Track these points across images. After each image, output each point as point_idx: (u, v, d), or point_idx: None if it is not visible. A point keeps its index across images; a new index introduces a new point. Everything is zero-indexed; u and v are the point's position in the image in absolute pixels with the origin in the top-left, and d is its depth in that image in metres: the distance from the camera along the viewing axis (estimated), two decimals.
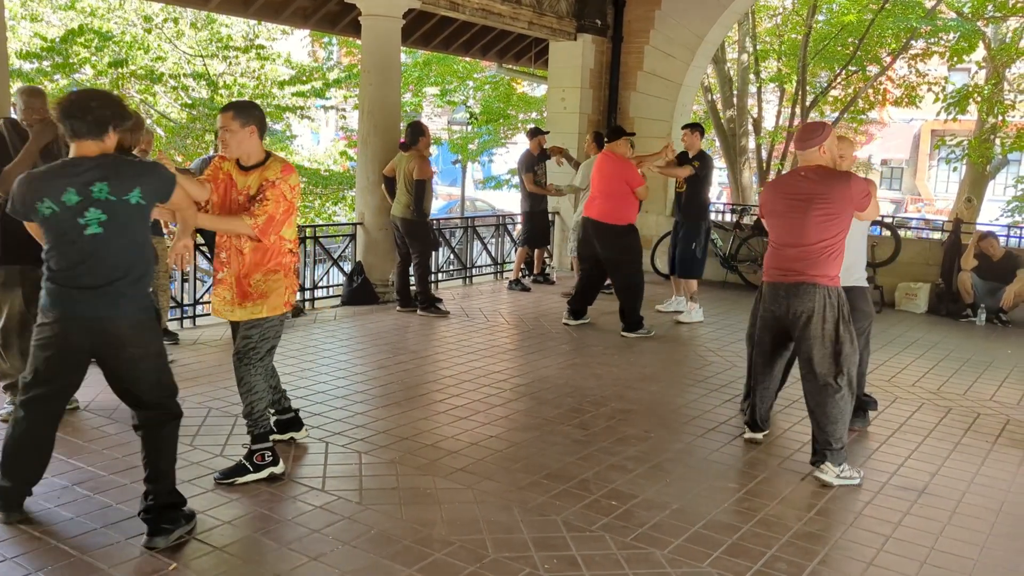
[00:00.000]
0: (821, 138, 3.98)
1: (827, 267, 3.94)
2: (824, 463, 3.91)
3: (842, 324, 3.94)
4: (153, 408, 3.11)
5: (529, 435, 4.38)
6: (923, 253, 8.98)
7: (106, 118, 2.97)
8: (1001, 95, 15.90)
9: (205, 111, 12.76)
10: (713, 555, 3.15)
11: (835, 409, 3.91)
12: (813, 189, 3.94)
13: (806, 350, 3.97)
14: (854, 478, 3.93)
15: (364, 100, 7.84)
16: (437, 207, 21.48)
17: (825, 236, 3.92)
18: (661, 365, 5.99)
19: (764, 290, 4.19)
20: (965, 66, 17.96)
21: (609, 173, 6.82)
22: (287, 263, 3.66)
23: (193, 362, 5.50)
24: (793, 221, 3.98)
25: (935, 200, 29.76)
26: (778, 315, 4.07)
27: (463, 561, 3.01)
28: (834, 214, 3.91)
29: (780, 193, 4.12)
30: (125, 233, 2.96)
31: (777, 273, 4.06)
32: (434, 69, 17.14)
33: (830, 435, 3.92)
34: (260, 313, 3.62)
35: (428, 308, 7.33)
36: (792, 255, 3.99)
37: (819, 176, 3.97)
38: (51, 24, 12.96)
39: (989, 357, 6.69)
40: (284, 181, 3.54)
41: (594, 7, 9.97)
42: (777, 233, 4.11)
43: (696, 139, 7.46)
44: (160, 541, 3.01)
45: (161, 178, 3.07)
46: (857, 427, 4.70)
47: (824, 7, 15.83)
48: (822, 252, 3.92)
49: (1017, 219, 16.18)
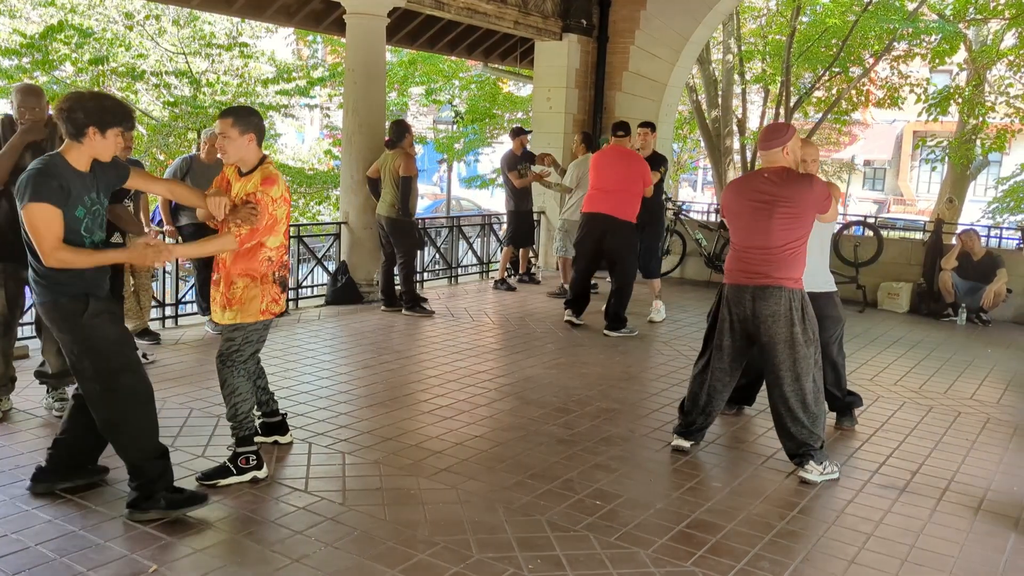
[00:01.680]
0: (784, 139, 3.95)
1: (792, 269, 3.93)
2: (808, 463, 3.93)
3: (806, 325, 3.94)
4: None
5: (514, 435, 4.38)
6: (905, 253, 9.06)
7: (78, 121, 3.04)
8: (982, 97, 16.07)
9: (187, 109, 12.65)
10: (697, 554, 3.16)
11: (811, 410, 3.93)
12: (776, 191, 3.91)
13: (774, 354, 3.93)
14: (835, 472, 3.97)
15: (349, 99, 7.81)
16: (422, 206, 21.42)
17: (789, 239, 3.90)
18: (646, 365, 6.01)
19: (726, 292, 4.09)
20: (947, 68, 18.16)
21: (625, 168, 6.70)
22: (264, 271, 3.59)
23: (175, 362, 5.45)
24: (757, 223, 3.94)
25: (917, 200, 30.04)
26: (742, 317, 4.01)
27: (447, 562, 3.00)
28: (797, 216, 3.90)
29: (742, 194, 4.06)
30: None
31: (742, 276, 4.00)
32: (419, 68, 17.09)
33: (808, 437, 3.93)
34: (236, 319, 3.60)
35: (413, 308, 7.31)
36: (757, 257, 3.95)
37: (782, 178, 3.93)
38: (30, 20, 12.82)
39: (970, 356, 6.75)
40: (265, 194, 3.48)
41: (580, 7, 9.98)
42: (740, 235, 4.04)
43: (652, 138, 7.50)
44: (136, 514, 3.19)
45: (25, 187, 3.05)
46: (846, 426, 4.75)
47: (808, 8, 15.93)
48: (786, 254, 3.91)
49: (998, 220, 16.36)
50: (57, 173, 3.04)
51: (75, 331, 3.16)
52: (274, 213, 3.53)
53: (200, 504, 3.27)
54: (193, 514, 3.27)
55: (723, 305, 4.11)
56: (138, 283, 5.98)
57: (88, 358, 3.16)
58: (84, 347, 3.16)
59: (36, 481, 3.40)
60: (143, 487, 3.20)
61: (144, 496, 3.20)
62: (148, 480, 3.20)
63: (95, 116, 3.07)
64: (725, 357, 4.12)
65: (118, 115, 3.15)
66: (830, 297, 4.59)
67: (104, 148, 3.15)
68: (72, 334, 3.16)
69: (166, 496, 3.21)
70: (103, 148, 3.14)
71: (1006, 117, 16.28)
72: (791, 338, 3.90)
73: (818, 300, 4.36)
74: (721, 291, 4.15)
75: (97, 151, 3.14)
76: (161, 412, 4.42)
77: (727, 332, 4.09)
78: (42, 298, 3.17)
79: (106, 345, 3.18)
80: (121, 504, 3.28)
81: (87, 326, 3.15)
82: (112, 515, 3.22)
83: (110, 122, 3.10)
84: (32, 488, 3.39)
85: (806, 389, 3.92)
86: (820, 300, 4.41)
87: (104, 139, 3.11)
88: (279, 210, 3.56)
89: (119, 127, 3.14)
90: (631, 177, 6.70)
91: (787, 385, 3.92)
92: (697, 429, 4.26)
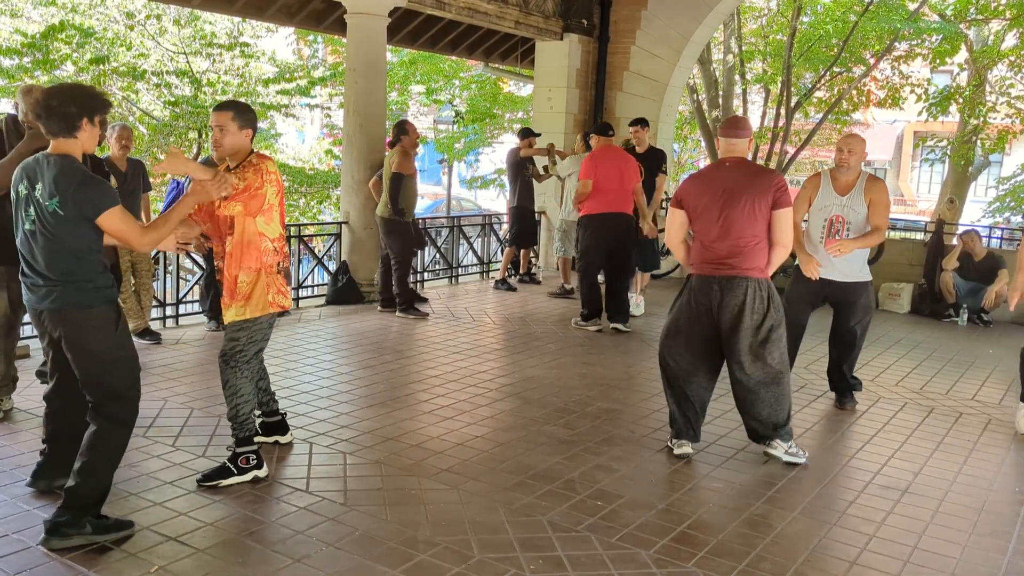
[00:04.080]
0: (749, 132, 4.09)
1: (758, 259, 3.98)
2: (774, 440, 4.08)
3: (772, 311, 3.99)
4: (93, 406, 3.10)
5: (515, 435, 4.37)
6: (906, 253, 9.05)
7: (71, 115, 2.93)
8: (983, 97, 16.07)
9: (188, 109, 12.64)
10: (698, 555, 3.15)
11: (781, 392, 4.04)
12: (740, 182, 3.96)
13: (739, 343, 3.97)
14: (800, 456, 4.08)
15: (349, 99, 7.80)
16: (422, 206, 21.37)
17: (755, 230, 3.95)
18: (647, 365, 6.00)
19: (693, 282, 4.12)
20: (947, 68, 18.14)
21: (624, 167, 6.91)
22: (269, 263, 3.59)
23: (176, 362, 5.45)
24: (721, 214, 3.96)
25: (918, 201, 30.03)
26: (710, 308, 4.03)
27: (448, 562, 3.00)
28: (761, 207, 3.95)
29: (706, 186, 4.07)
30: (51, 237, 2.94)
31: (708, 267, 4.03)
32: (420, 68, 17.09)
33: (778, 418, 4.05)
34: (243, 315, 3.58)
35: (408, 310, 7.21)
36: (724, 249, 3.97)
37: (745, 169, 4.04)
38: (31, 20, 12.81)
39: (971, 357, 6.75)
40: (261, 163, 3.50)
41: (580, 7, 9.98)
42: (706, 226, 4.03)
43: (645, 134, 7.70)
44: (55, 541, 2.96)
45: (89, 197, 2.92)
46: (849, 406, 5.02)
47: (808, 8, 15.93)
48: (752, 245, 3.95)
49: (998, 220, 16.35)
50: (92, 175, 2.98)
51: (107, 342, 3.03)
52: (265, 187, 3.48)
53: (126, 530, 3.07)
54: (194, 514, 3.27)
55: (688, 295, 4.13)
56: (139, 283, 5.98)
57: (109, 372, 3.04)
58: (113, 359, 3.05)
59: (36, 478, 3.38)
60: (77, 510, 2.99)
61: (71, 522, 2.97)
62: (84, 504, 3.00)
63: (83, 105, 2.96)
64: (693, 346, 4.13)
65: (98, 99, 3.05)
66: (866, 286, 4.97)
67: (92, 139, 3.05)
68: (102, 345, 3.02)
69: (92, 521, 3.02)
70: (91, 139, 3.04)
71: (1007, 117, 16.29)
72: (755, 326, 3.96)
73: (855, 288, 4.83)
74: (687, 282, 4.18)
75: (86, 144, 3.03)
76: (161, 412, 4.44)
77: (693, 320, 4.11)
78: (65, 301, 2.97)
79: (129, 358, 3.12)
80: (121, 504, 3.28)
81: (120, 336, 3.06)
82: (113, 515, 3.21)
83: (96, 108, 3.02)
84: (32, 484, 3.37)
85: (771, 373, 4.00)
86: (857, 288, 4.87)
87: (94, 128, 3.02)
88: (270, 188, 3.51)
89: (100, 113, 3.05)
90: (628, 175, 6.93)
91: (751, 371, 3.99)
92: (687, 425, 4.22)
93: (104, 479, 3.08)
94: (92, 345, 3.03)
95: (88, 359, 3.04)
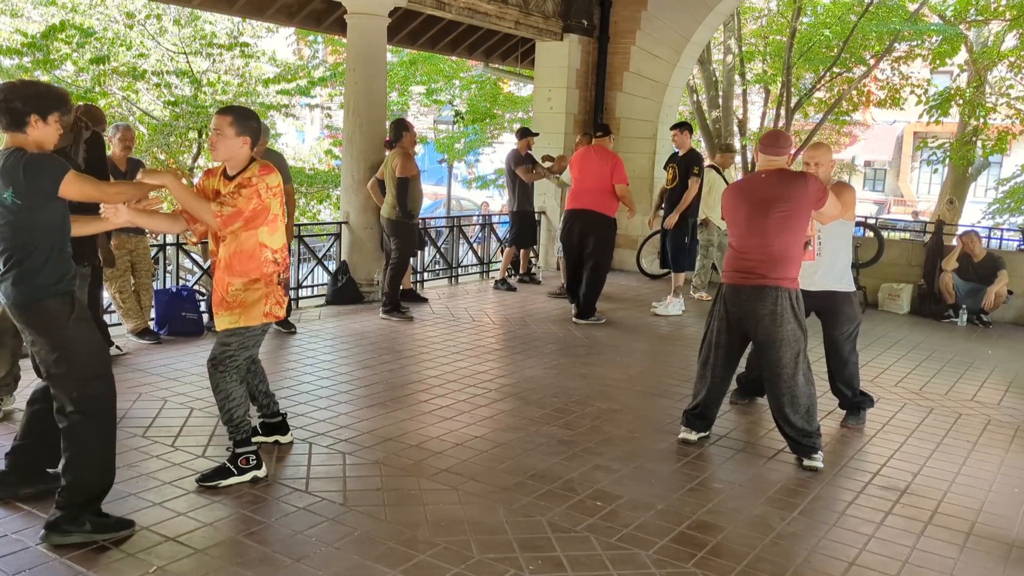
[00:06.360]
0: (788, 148, 4.15)
1: (788, 269, 4.05)
2: (814, 453, 4.10)
3: (799, 322, 4.08)
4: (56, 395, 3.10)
5: (514, 436, 4.37)
6: (906, 254, 9.05)
7: (17, 111, 2.93)
8: (983, 98, 16.07)
9: (188, 109, 12.63)
10: (698, 555, 3.15)
11: (809, 400, 4.09)
12: (773, 191, 4.04)
13: (771, 351, 4.07)
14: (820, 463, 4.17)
15: (349, 98, 7.80)
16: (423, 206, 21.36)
17: (785, 238, 4.02)
18: (646, 365, 6.00)
19: (725, 292, 4.24)
20: (947, 69, 18.14)
21: (603, 167, 7.13)
22: (269, 273, 3.56)
23: (175, 362, 5.45)
24: (754, 224, 4.07)
25: (918, 201, 30.04)
26: (740, 316, 4.16)
27: (448, 562, 3.00)
28: (791, 214, 4.00)
29: (741, 196, 4.19)
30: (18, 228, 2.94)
31: (738, 276, 4.14)
32: (420, 68, 17.09)
33: (809, 425, 4.09)
34: (236, 323, 3.56)
35: (391, 312, 7.04)
36: (754, 259, 4.07)
37: (778, 178, 4.08)
38: (31, 20, 12.80)
39: (970, 357, 6.75)
40: (261, 180, 3.45)
41: (580, 7, 9.98)
42: (739, 236, 4.17)
43: (687, 137, 7.94)
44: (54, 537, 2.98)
45: (38, 173, 2.91)
46: (851, 424, 4.82)
47: (808, 9, 15.93)
48: (783, 255, 4.02)
49: (998, 221, 16.36)
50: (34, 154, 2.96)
51: (59, 334, 3.01)
52: (268, 204, 3.48)
53: (127, 529, 3.07)
54: (193, 514, 3.27)
55: (720, 304, 4.27)
56: (139, 283, 5.98)
57: (67, 363, 3.02)
58: (66, 351, 3.02)
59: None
60: (74, 506, 3.00)
61: (69, 517, 2.99)
62: (84, 500, 3.02)
63: (34, 103, 2.95)
64: (722, 354, 4.30)
65: (56, 99, 3.03)
66: (848, 296, 4.74)
67: (47, 136, 3.01)
68: (53, 338, 3.02)
69: (92, 519, 3.02)
70: (46, 136, 3.01)
71: (1007, 118, 16.29)
72: (787, 336, 4.03)
73: (837, 297, 4.65)
74: (720, 290, 4.30)
75: (40, 140, 2.99)
76: (161, 412, 4.44)
77: (724, 330, 4.26)
78: (20, 299, 2.98)
79: (87, 349, 3.07)
80: (121, 504, 3.28)
81: (72, 328, 3.03)
82: (113, 515, 3.20)
83: (50, 107, 2.99)
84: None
85: (799, 382, 4.08)
86: (839, 297, 4.68)
87: (47, 126, 3.00)
88: (274, 201, 3.50)
89: (58, 112, 3.02)
90: (607, 175, 7.11)
91: (784, 381, 4.07)
92: (701, 420, 4.38)
93: (85, 473, 3.04)
94: (46, 338, 3.03)
95: (47, 351, 3.04)
